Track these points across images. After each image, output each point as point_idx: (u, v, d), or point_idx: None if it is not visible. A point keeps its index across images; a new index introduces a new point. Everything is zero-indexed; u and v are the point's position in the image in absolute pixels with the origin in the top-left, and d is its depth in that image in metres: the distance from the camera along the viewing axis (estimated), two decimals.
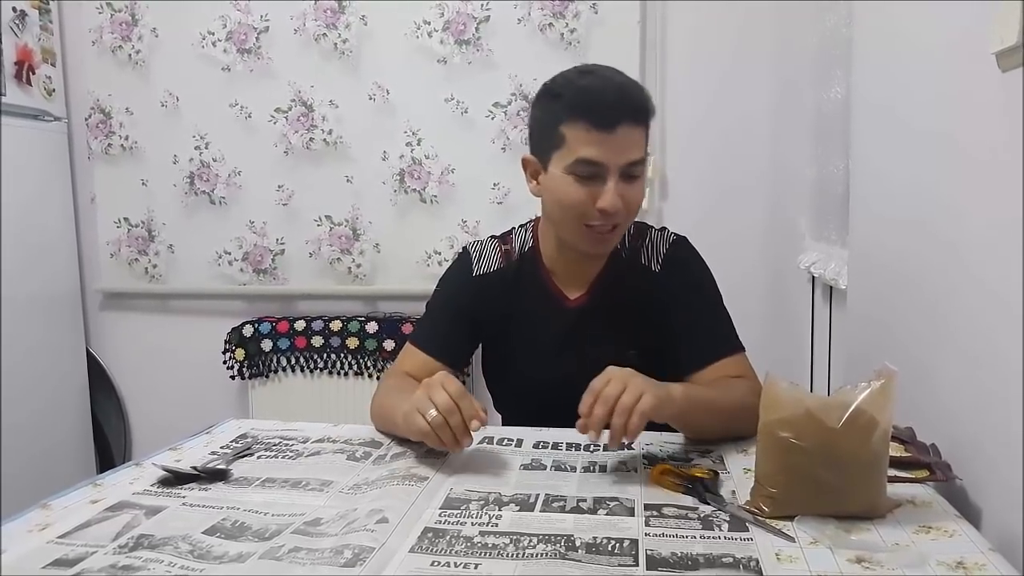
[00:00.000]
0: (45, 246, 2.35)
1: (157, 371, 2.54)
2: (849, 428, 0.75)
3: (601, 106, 1.02)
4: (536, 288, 1.20)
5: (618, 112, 1.02)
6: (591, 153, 1.02)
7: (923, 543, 0.73)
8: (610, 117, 1.02)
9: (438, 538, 0.75)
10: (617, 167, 1.03)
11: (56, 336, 2.39)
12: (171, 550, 0.73)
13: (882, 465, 0.79)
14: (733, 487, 0.87)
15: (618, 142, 1.02)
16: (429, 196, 2.28)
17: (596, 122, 1.02)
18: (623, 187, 1.04)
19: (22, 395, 2.20)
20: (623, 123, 1.02)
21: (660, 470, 0.89)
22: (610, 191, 1.03)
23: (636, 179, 1.06)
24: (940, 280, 0.97)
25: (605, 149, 1.02)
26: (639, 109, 1.05)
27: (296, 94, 2.31)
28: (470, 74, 2.20)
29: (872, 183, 1.27)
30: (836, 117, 1.65)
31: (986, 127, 0.83)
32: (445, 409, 0.91)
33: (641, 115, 1.05)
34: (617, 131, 1.02)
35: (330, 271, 2.37)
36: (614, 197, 1.03)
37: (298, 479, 0.93)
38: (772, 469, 0.80)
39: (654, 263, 1.18)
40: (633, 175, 1.06)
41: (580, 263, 1.18)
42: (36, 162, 2.30)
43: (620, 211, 1.05)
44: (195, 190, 2.41)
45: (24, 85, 2.23)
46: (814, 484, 0.77)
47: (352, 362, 2.30)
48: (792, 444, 0.77)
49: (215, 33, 2.33)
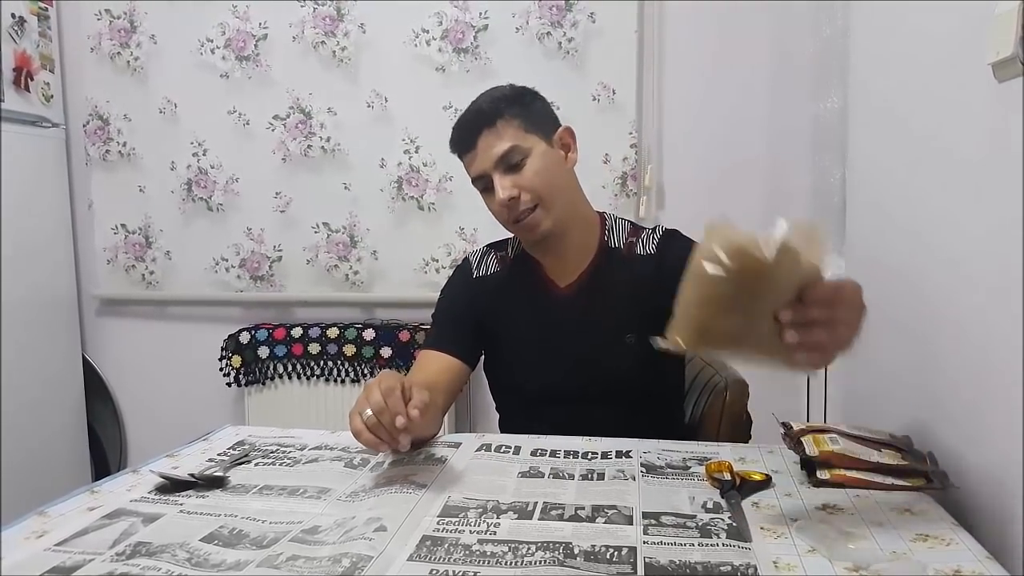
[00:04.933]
0: (42, 252, 2.34)
1: (153, 378, 2.53)
2: (778, 264, 0.70)
3: (458, 134, 1.19)
4: (529, 281, 1.26)
5: (469, 133, 1.16)
6: (472, 172, 1.18)
7: (920, 551, 0.73)
8: (465, 141, 1.17)
9: (436, 546, 0.75)
10: (491, 167, 1.15)
11: (52, 342, 2.38)
12: (168, 557, 0.73)
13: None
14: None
15: (480, 150, 1.15)
16: (427, 204, 2.28)
17: (461, 149, 1.19)
18: (510, 177, 1.14)
19: (17, 401, 2.20)
20: (480, 133, 1.15)
21: (714, 467, 0.93)
22: (497, 188, 1.15)
23: (523, 164, 1.15)
24: (938, 289, 0.98)
25: (476, 163, 1.16)
26: (487, 114, 1.15)
27: (294, 101, 2.31)
28: (468, 82, 2.20)
29: (869, 192, 1.28)
30: (833, 127, 1.66)
31: (982, 136, 0.84)
32: (377, 408, 0.89)
33: (492, 115, 1.15)
34: (477, 143, 1.15)
35: (327, 278, 2.37)
36: (500, 190, 1.14)
37: (296, 486, 0.92)
38: (696, 299, 0.74)
39: (649, 249, 1.23)
40: (513, 163, 1.14)
41: (568, 256, 1.23)
42: (34, 168, 2.30)
43: (517, 198, 1.14)
44: (193, 197, 2.41)
45: (22, 91, 2.23)
46: (739, 318, 0.73)
47: (349, 369, 2.29)
48: (720, 276, 0.71)
49: (214, 40, 2.33)
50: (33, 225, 2.29)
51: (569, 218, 1.19)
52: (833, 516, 0.82)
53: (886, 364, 1.18)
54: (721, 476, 0.92)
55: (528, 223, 1.16)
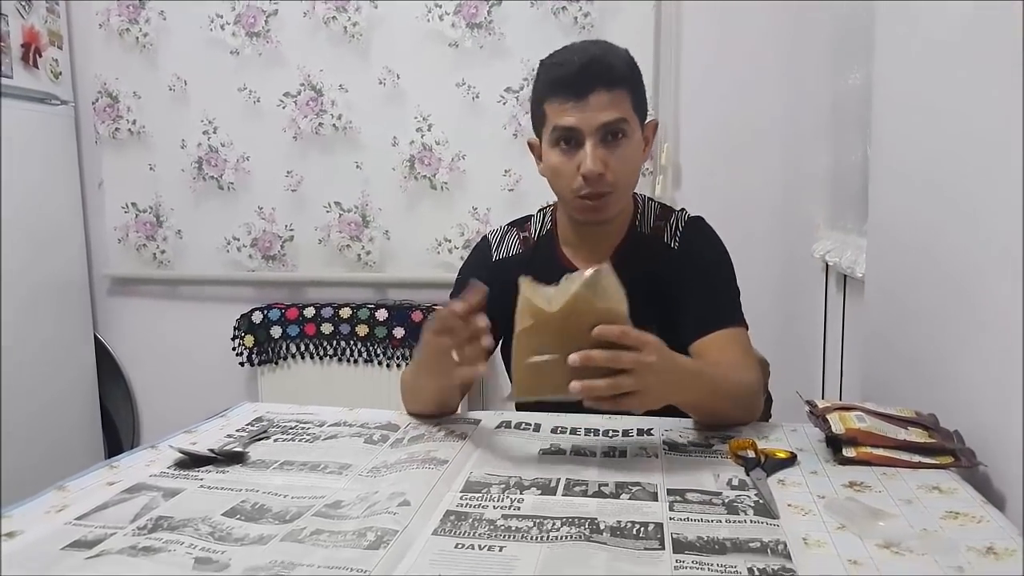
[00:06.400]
0: (52, 231, 2.34)
1: (166, 357, 2.54)
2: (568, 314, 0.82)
3: (569, 76, 1.06)
4: (551, 266, 1.20)
5: (586, 78, 1.05)
6: (565, 121, 1.06)
7: (951, 529, 0.72)
8: (578, 85, 1.05)
9: (461, 521, 0.74)
10: (592, 129, 1.05)
11: (63, 322, 2.39)
12: (191, 532, 0.72)
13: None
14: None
15: (590, 107, 1.05)
16: (439, 183, 2.27)
17: (565, 92, 1.06)
18: (604, 152, 1.06)
19: (29, 382, 2.20)
20: (594, 89, 1.05)
21: (738, 445, 0.92)
22: (587, 155, 1.05)
23: (620, 143, 1.07)
24: (963, 266, 0.96)
25: (577, 115, 1.05)
26: (610, 72, 1.06)
27: (305, 78, 2.29)
28: (481, 59, 2.18)
29: (893, 170, 1.25)
30: (854, 104, 1.63)
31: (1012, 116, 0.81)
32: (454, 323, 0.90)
33: (615, 78, 1.06)
34: (589, 98, 1.05)
35: (339, 258, 2.36)
36: (592, 160, 1.05)
37: (316, 462, 0.92)
38: (516, 356, 0.86)
39: (673, 241, 1.19)
40: (614, 137, 1.07)
41: (596, 241, 1.18)
42: (43, 146, 2.30)
43: (604, 176, 1.06)
44: (203, 175, 2.40)
45: (31, 68, 2.22)
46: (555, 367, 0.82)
47: (362, 349, 2.29)
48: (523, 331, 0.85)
49: (223, 16, 2.31)
50: (43, 204, 2.29)
51: (623, 209, 1.17)
52: (860, 494, 0.81)
53: (907, 346, 1.16)
54: (745, 454, 0.90)
55: (597, 205, 1.09)
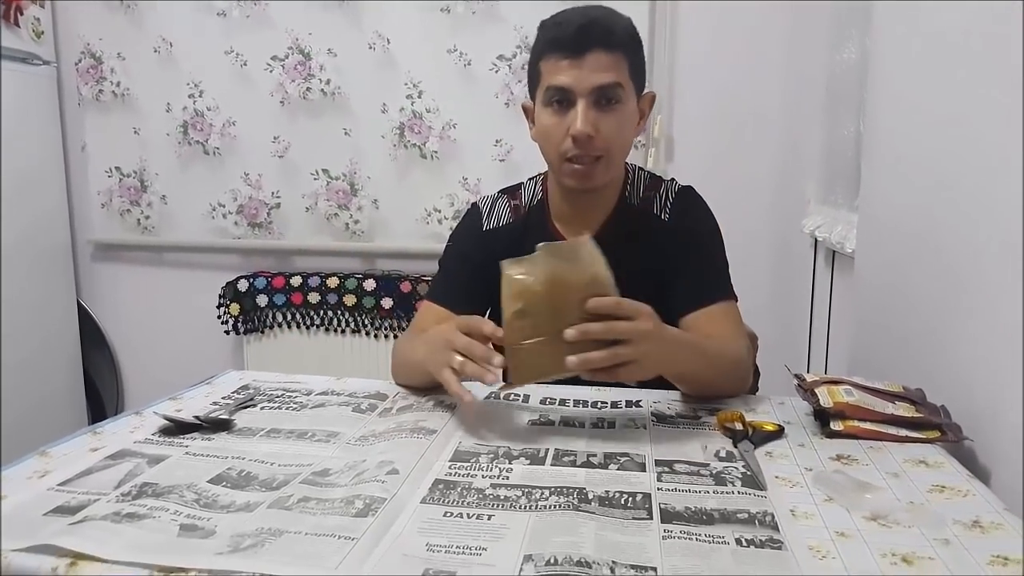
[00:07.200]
0: (35, 195, 2.30)
1: (150, 325, 2.52)
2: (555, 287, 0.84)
3: (567, 36, 1.03)
4: (542, 236, 1.17)
5: (584, 38, 1.02)
6: (558, 80, 1.04)
7: (937, 502, 0.72)
8: (574, 44, 1.02)
9: (449, 489, 0.74)
10: (585, 91, 1.03)
11: (46, 288, 2.35)
12: (176, 498, 0.72)
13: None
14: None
15: (586, 66, 1.02)
16: (429, 152, 2.24)
17: (562, 50, 1.03)
18: (596, 115, 1.04)
19: (11, 348, 2.18)
20: (591, 49, 1.02)
21: (725, 417, 0.92)
22: (578, 115, 1.03)
23: (613, 108, 1.05)
24: (953, 243, 0.96)
25: (572, 74, 1.03)
26: (609, 36, 1.03)
27: (294, 42, 2.25)
28: (474, 25, 2.14)
29: (886, 145, 1.24)
30: (849, 79, 1.61)
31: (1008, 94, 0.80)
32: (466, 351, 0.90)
33: (613, 42, 1.04)
34: (585, 57, 1.02)
35: (327, 226, 2.33)
36: (583, 121, 1.02)
37: (304, 430, 0.91)
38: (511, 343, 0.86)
39: (664, 213, 1.18)
40: (608, 102, 1.04)
41: (586, 210, 1.16)
42: (25, 107, 2.24)
43: (594, 139, 1.04)
44: (188, 140, 2.35)
45: (12, 26, 2.15)
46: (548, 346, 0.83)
47: (349, 319, 2.28)
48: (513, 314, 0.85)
49: None
50: (24, 167, 2.24)
51: (613, 178, 1.15)
52: (848, 467, 0.81)
53: (896, 322, 1.17)
54: (733, 426, 0.91)
55: (586, 171, 1.07)
